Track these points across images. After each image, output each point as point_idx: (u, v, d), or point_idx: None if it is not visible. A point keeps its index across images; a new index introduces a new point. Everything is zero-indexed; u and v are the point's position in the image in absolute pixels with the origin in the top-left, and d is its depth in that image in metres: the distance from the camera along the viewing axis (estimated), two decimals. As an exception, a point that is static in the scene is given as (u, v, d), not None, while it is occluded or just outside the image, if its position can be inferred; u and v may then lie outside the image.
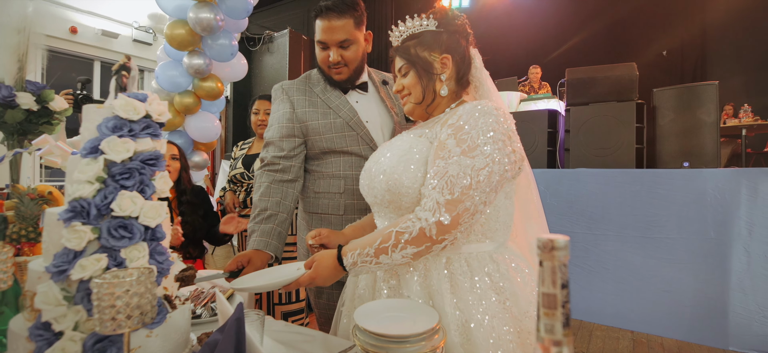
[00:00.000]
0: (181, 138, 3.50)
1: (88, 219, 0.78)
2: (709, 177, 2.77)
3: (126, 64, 0.98)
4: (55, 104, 2.00)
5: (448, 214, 0.78)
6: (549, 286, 0.32)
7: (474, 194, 0.80)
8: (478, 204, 0.81)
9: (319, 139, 1.39)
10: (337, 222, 1.37)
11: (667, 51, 6.20)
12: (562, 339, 0.33)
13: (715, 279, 2.73)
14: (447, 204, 0.79)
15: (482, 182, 0.80)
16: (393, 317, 0.79)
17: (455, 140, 0.84)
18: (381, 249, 0.82)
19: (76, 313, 0.74)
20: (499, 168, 0.83)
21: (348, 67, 1.40)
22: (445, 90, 0.99)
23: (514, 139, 0.89)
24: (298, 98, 1.45)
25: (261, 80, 6.90)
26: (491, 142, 0.83)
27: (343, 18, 1.35)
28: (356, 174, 1.32)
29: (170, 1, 3.16)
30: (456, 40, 1.00)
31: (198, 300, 1.33)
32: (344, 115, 1.39)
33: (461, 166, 0.81)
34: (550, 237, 0.32)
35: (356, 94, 1.47)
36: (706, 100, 3.04)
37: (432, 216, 0.79)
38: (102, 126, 0.87)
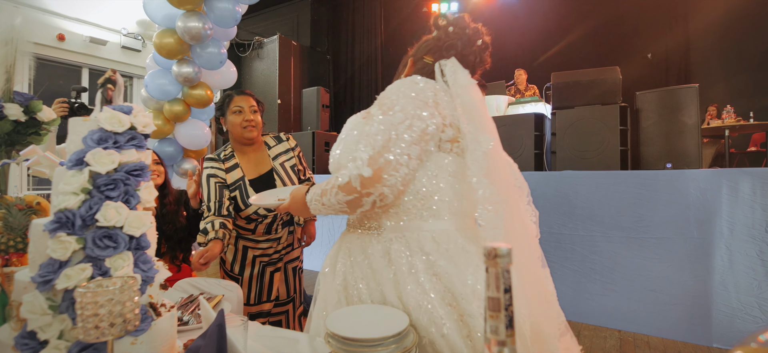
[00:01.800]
0: (171, 145, 3.51)
1: (73, 230, 0.80)
2: (692, 178, 2.84)
3: (111, 78, 1.00)
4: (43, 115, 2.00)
5: (370, 168, 0.83)
6: (493, 291, 0.36)
7: (393, 147, 0.84)
8: (400, 157, 0.84)
9: None
10: None
11: (651, 54, 6.32)
12: (505, 339, 0.36)
13: (699, 277, 2.79)
14: (370, 160, 0.84)
15: (401, 135, 0.84)
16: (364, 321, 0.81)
17: (377, 106, 0.92)
18: (324, 191, 0.91)
19: (62, 322, 0.76)
20: (420, 123, 0.86)
21: None
22: None
23: (442, 108, 0.91)
24: None
25: (251, 86, 6.91)
26: (410, 101, 0.88)
27: None
28: None
29: (159, 10, 3.17)
30: (427, 48, 1.08)
31: (186, 308, 1.34)
32: None
33: (381, 123, 0.87)
34: (494, 245, 0.36)
35: None
36: (687, 103, 3.12)
37: (356, 169, 0.85)
38: (87, 138, 0.89)
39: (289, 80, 6.81)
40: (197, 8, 3.09)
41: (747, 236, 2.66)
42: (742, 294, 2.65)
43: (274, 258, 1.97)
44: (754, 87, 5.74)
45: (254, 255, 1.93)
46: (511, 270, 0.90)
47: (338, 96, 7.97)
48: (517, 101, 4.83)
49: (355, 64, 7.77)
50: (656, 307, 2.90)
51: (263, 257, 1.94)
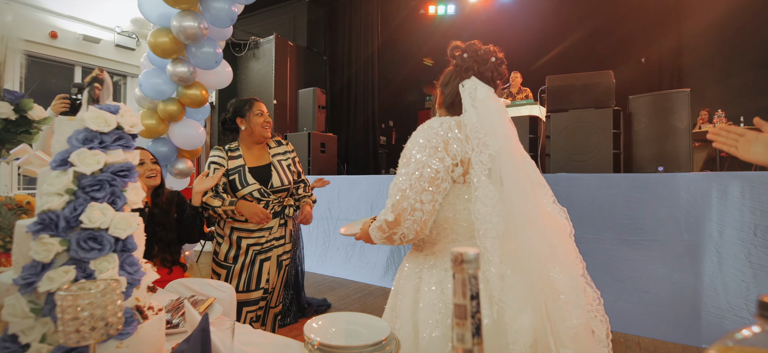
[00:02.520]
0: (165, 145, 3.49)
1: (56, 232, 0.79)
2: (682, 181, 2.87)
3: (98, 76, 0.99)
4: (34, 113, 1.99)
5: (393, 214, 1.02)
6: (460, 297, 0.35)
7: (409, 194, 1.00)
8: (414, 203, 1.00)
9: None
10: None
11: (644, 58, 6.36)
12: (472, 347, 0.36)
13: (689, 279, 2.81)
14: (392, 207, 1.02)
15: (414, 184, 1.01)
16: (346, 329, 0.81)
17: (402, 158, 1.09)
18: (373, 227, 1.09)
19: (44, 325, 0.75)
20: (429, 171, 1.01)
21: None
22: (436, 114, 1.22)
23: (451, 148, 1.04)
24: None
25: (247, 86, 6.88)
26: (421, 149, 1.04)
27: None
28: None
29: (154, 9, 3.15)
30: (450, 74, 1.21)
31: (176, 311, 1.33)
32: None
33: (401, 175, 1.04)
34: (460, 251, 0.35)
35: None
36: (678, 107, 3.14)
37: (383, 215, 1.04)
38: (72, 138, 0.88)
39: (286, 81, 6.79)
40: (193, 7, 3.07)
41: (736, 238, 2.68)
42: (730, 295, 2.67)
43: (266, 247, 2.12)
44: (745, 92, 5.80)
45: (248, 244, 2.08)
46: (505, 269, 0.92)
47: (335, 97, 7.96)
48: (511, 104, 4.84)
49: (352, 65, 7.76)
50: (647, 308, 2.92)
51: (256, 246, 2.09)
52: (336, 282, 4.33)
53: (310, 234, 4.96)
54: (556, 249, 1.01)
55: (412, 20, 7.99)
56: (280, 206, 2.15)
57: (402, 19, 7.89)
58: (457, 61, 1.20)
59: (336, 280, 4.41)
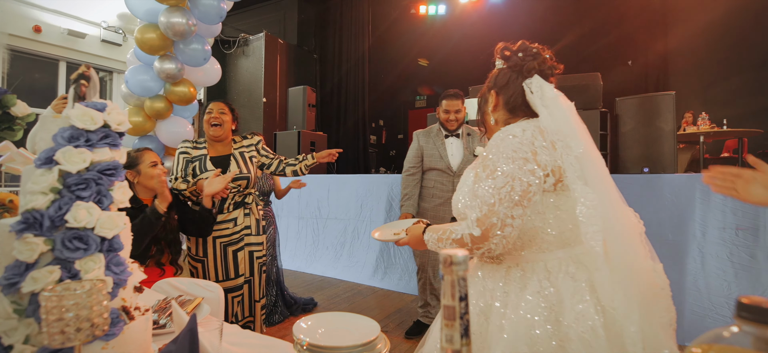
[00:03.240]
0: (152, 143, 3.43)
1: (40, 231, 0.77)
2: (667, 182, 2.93)
3: (85, 73, 0.98)
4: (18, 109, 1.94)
5: (479, 229, 0.94)
6: (449, 299, 0.35)
7: (499, 209, 0.93)
8: (505, 218, 0.93)
9: (427, 159, 2.85)
10: (429, 201, 2.87)
11: (631, 61, 6.47)
12: (461, 348, 0.36)
13: (672, 278, 2.84)
14: (478, 221, 0.94)
15: (504, 198, 0.93)
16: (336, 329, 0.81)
17: (482, 167, 1.01)
18: (440, 239, 1.04)
19: (28, 326, 0.74)
20: (521, 185, 0.94)
21: (458, 122, 2.83)
22: (492, 119, 1.16)
23: (540, 157, 0.97)
24: (423, 138, 2.90)
25: (235, 83, 6.82)
26: (509, 162, 0.95)
27: (458, 99, 2.82)
28: (440, 179, 2.83)
29: (141, 5, 3.10)
30: (507, 76, 1.13)
31: (163, 311, 1.32)
32: (439, 150, 2.82)
33: (486, 187, 0.96)
34: (449, 252, 0.35)
35: (452, 139, 2.85)
36: (664, 110, 3.21)
37: (466, 229, 0.96)
38: (58, 136, 0.86)
39: (275, 78, 6.74)
40: (181, 3, 3.03)
41: (718, 239, 2.75)
42: (713, 294, 2.74)
43: (234, 239, 2.20)
44: (729, 95, 5.94)
45: (214, 236, 2.17)
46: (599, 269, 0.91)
47: (325, 96, 7.93)
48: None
49: (343, 64, 7.74)
50: (632, 308, 2.97)
51: (222, 237, 2.18)
52: (325, 282, 4.32)
53: (299, 233, 4.94)
54: (642, 247, 0.99)
55: (403, 20, 8.00)
56: (240, 196, 2.23)
57: (393, 19, 7.90)
58: (513, 61, 1.13)
59: (325, 280, 4.40)
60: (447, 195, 2.81)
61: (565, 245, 1.01)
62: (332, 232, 4.68)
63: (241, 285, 2.21)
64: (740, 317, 0.39)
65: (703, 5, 6.06)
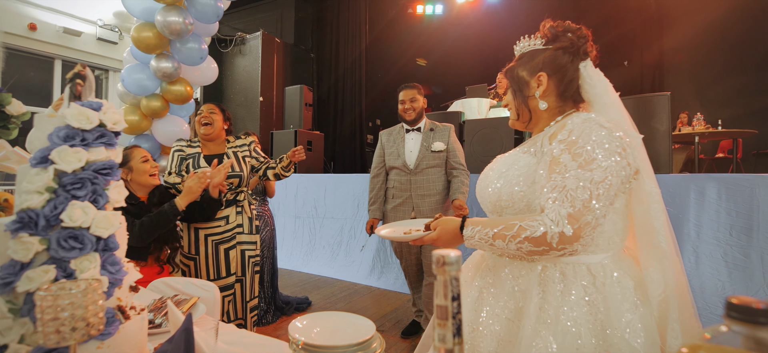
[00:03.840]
0: (148, 142, 3.42)
1: (36, 230, 0.77)
2: (662, 183, 2.93)
3: (80, 73, 0.97)
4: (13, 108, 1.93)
5: (571, 227, 0.81)
6: (441, 299, 0.36)
7: (595, 206, 0.82)
8: (600, 218, 0.83)
9: (387, 158, 2.76)
10: (390, 203, 2.73)
11: (627, 62, 6.51)
12: (453, 347, 0.37)
13: (667, 278, 2.89)
14: (569, 217, 0.81)
15: (602, 195, 0.82)
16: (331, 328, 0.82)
17: (570, 155, 0.86)
18: (500, 235, 0.88)
19: (23, 326, 0.74)
20: (617, 180, 0.84)
21: (414, 111, 2.70)
22: (543, 105, 1.02)
23: (628, 154, 0.87)
24: (386, 137, 2.82)
25: (232, 82, 6.80)
26: (608, 154, 0.84)
27: (412, 90, 2.73)
28: (398, 178, 2.70)
29: (138, 4, 3.09)
30: (556, 57, 1.02)
31: (158, 310, 1.32)
32: (398, 146, 2.72)
33: (579, 179, 0.83)
34: (442, 253, 0.36)
35: (413, 134, 2.72)
36: (659, 110, 3.23)
37: (556, 226, 0.82)
38: (53, 135, 0.86)
39: (272, 78, 6.73)
40: (178, 2, 3.02)
41: (712, 239, 2.77)
42: (707, 294, 2.76)
43: (226, 237, 2.21)
44: (724, 96, 5.99)
45: (205, 234, 2.17)
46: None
47: (322, 96, 7.92)
48: (498, 104, 4.90)
49: (340, 64, 7.73)
50: (627, 307, 2.99)
51: (213, 236, 2.18)
52: (321, 281, 4.32)
53: (295, 233, 4.94)
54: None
55: (400, 19, 8.00)
56: (232, 194, 2.25)
57: (390, 19, 7.90)
58: (564, 41, 1.02)
59: (321, 279, 4.40)
60: (404, 195, 2.66)
61: (610, 248, 0.92)
62: (329, 231, 4.68)
63: (232, 284, 2.22)
64: (730, 317, 0.40)
65: (698, 7, 6.10)
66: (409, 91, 2.72)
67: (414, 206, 2.63)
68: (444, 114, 4.48)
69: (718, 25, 5.95)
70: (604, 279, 0.88)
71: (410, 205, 2.65)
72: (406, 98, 2.71)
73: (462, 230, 0.94)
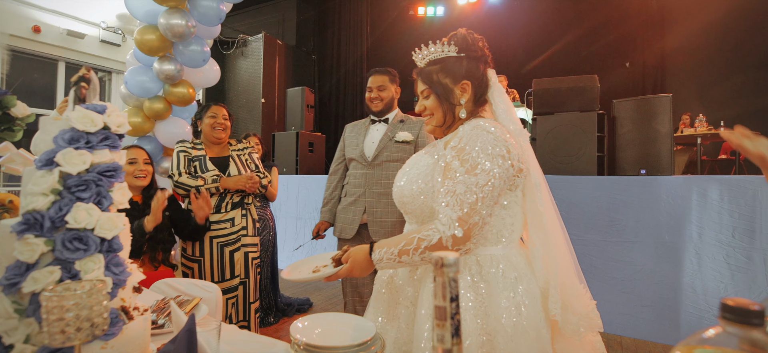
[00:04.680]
0: (151, 143, 3.44)
1: (41, 232, 0.78)
2: (664, 184, 2.94)
3: (85, 76, 0.98)
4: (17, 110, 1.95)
5: (461, 229, 0.89)
6: (440, 300, 0.36)
7: (481, 209, 0.90)
8: (485, 217, 0.91)
9: (347, 149, 2.41)
10: (343, 202, 2.36)
11: (629, 63, 6.50)
12: (451, 347, 0.37)
13: (669, 280, 2.89)
14: (459, 220, 0.89)
15: (486, 197, 0.90)
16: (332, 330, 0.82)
17: (459, 161, 0.94)
18: (403, 251, 0.93)
19: (28, 326, 0.75)
20: (500, 182, 0.92)
21: (382, 101, 2.34)
22: (464, 113, 1.07)
23: (512, 155, 0.96)
24: (348, 129, 2.50)
25: (234, 84, 6.82)
26: (492, 158, 0.92)
27: (382, 75, 2.37)
28: (353, 172, 2.33)
29: (141, 6, 3.11)
30: (475, 66, 1.07)
31: (161, 311, 1.33)
32: (359, 136, 2.38)
33: (467, 184, 0.91)
34: (441, 255, 0.37)
35: (379, 125, 2.37)
36: (661, 112, 3.22)
37: (448, 230, 0.89)
38: (58, 138, 0.87)
39: (274, 79, 6.75)
40: (180, 5, 3.04)
41: (715, 241, 2.76)
42: (709, 296, 2.75)
43: (231, 239, 2.21)
44: (726, 97, 5.97)
45: (210, 236, 2.17)
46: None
47: (324, 97, 7.93)
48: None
49: (342, 65, 7.75)
50: (629, 309, 2.99)
51: (219, 237, 2.19)
52: (323, 283, 4.32)
53: (297, 234, 4.94)
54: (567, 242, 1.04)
55: (401, 21, 8.01)
56: (238, 196, 2.26)
57: (392, 20, 7.91)
58: (474, 50, 1.07)
59: (324, 280, 4.40)
60: (357, 192, 2.24)
61: (499, 241, 1.00)
62: (330, 233, 4.67)
63: (236, 286, 2.22)
64: (724, 318, 0.40)
65: (700, 7, 6.09)
66: (379, 76, 2.33)
67: (366, 206, 2.19)
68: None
69: (720, 26, 5.93)
70: (489, 268, 0.97)
71: (362, 205, 2.21)
72: (374, 85, 2.33)
73: (371, 254, 0.98)
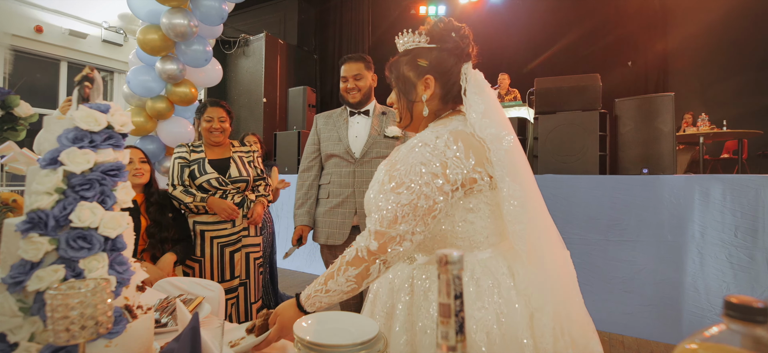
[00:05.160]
0: (154, 143, 3.45)
1: (45, 231, 0.79)
2: (666, 183, 2.94)
3: (88, 75, 0.99)
4: (20, 110, 1.95)
5: (376, 242, 0.87)
6: (444, 297, 0.37)
7: (399, 226, 0.87)
8: (405, 234, 0.87)
9: (324, 145, 2.17)
10: (324, 204, 2.13)
11: (631, 62, 6.49)
12: (455, 344, 0.38)
13: (671, 279, 2.88)
14: (376, 234, 0.88)
15: (408, 216, 0.87)
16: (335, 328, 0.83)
17: (389, 176, 0.93)
18: (328, 276, 0.91)
19: (33, 324, 0.75)
20: (426, 202, 0.87)
21: (359, 91, 2.09)
22: (425, 111, 1.00)
23: (449, 172, 0.88)
24: (321, 121, 2.25)
25: (236, 84, 6.83)
26: (417, 177, 0.88)
27: (358, 63, 2.10)
28: (337, 170, 2.11)
29: (143, 6, 3.12)
30: (443, 59, 0.98)
31: (164, 310, 1.33)
32: (339, 130, 2.13)
33: (389, 201, 0.89)
34: (445, 252, 0.37)
35: (359, 117, 2.15)
36: (663, 111, 3.22)
37: (363, 242, 0.89)
38: (62, 137, 0.88)
39: (275, 79, 6.76)
40: (183, 5, 3.04)
41: (717, 240, 2.76)
42: (711, 295, 2.75)
43: (232, 240, 2.20)
44: (729, 96, 5.95)
45: (211, 236, 2.17)
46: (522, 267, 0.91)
47: (325, 97, 7.94)
48: (502, 105, 4.91)
49: (343, 64, 7.76)
50: (631, 308, 2.98)
51: (219, 238, 2.18)
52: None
53: (300, 234, 4.95)
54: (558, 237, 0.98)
55: (403, 21, 8.00)
56: (240, 197, 2.25)
57: (393, 20, 7.91)
58: (450, 43, 0.98)
59: (326, 280, 4.40)
60: (345, 192, 2.06)
61: (474, 248, 0.95)
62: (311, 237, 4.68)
63: (236, 287, 2.21)
64: (728, 316, 0.40)
65: (702, 6, 6.07)
66: (354, 64, 2.08)
67: (357, 207, 2.04)
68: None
69: (723, 24, 5.91)
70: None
71: (352, 206, 2.05)
72: (349, 74, 2.08)
73: (299, 302, 0.94)
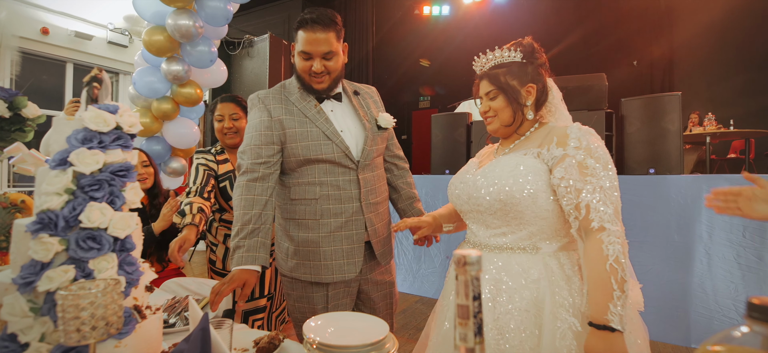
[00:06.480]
0: (159, 144, 3.46)
1: (55, 231, 0.79)
2: (673, 184, 2.91)
3: (97, 76, 0.99)
4: (28, 111, 1.97)
5: (618, 221, 0.96)
6: (463, 298, 0.36)
7: (618, 202, 0.98)
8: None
9: (296, 147, 1.40)
10: (314, 227, 1.40)
11: (637, 62, 6.45)
12: (474, 346, 0.37)
13: (679, 280, 2.86)
14: (616, 214, 0.96)
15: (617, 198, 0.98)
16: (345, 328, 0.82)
17: (593, 159, 0.99)
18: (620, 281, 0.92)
19: (43, 325, 0.75)
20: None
21: (330, 75, 1.47)
22: (530, 114, 1.15)
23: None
24: (275, 106, 1.46)
25: (241, 85, 6.85)
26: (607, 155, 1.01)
27: (327, 31, 1.43)
28: (331, 180, 1.41)
29: (148, 7, 3.13)
30: (538, 72, 1.16)
31: (172, 310, 1.33)
32: (320, 125, 1.43)
33: (610, 179, 0.98)
34: (463, 253, 0.36)
35: (331, 103, 1.52)
36: (670, 110, 3.19)
37: (614, 226, 0.94)
38: (71, 138, 0.88)
39: (280, 79, 6.77)
40: (188, 6, 3.05)
41: (725, 240, 2.73)
42: (719, 296, 2.72)
43: None
44: (735, 96, 5.90)
45: None
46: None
47: (329, 96, 7.94)
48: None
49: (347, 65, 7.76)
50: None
51: None
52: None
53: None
54: None
55: (406, 21, 8.01)
56: None
57: (397, 20, 7.91)
58: (537, 58, 1.17)
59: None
60: (350, 209, 1.41)
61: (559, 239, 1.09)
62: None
63: (263, 307, 1.92)
64: (751, 317, 0.39)
65: (708, 5, 6.02)
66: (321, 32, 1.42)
67: (367, 225, 1.45)
68: (452, 115, 4.47)
69: (729, 23, 5.86)
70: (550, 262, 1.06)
71: (361, 225, 1.44)
72: (316, 51, 1.42)
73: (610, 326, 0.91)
